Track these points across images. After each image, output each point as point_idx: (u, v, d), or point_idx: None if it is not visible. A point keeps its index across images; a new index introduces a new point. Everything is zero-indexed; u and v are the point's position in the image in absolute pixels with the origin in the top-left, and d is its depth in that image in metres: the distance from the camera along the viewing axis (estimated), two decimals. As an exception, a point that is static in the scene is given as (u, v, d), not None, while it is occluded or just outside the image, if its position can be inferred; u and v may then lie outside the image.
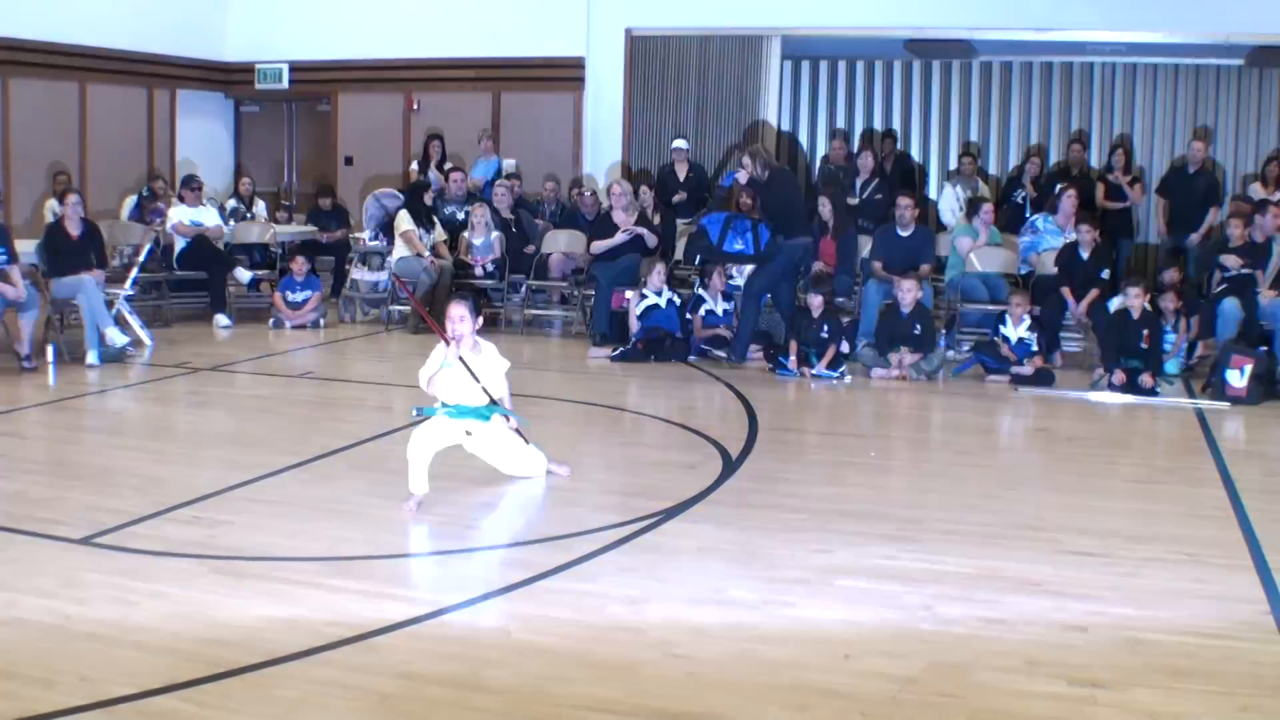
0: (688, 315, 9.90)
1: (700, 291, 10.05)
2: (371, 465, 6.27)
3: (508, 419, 5.73)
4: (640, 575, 4.61)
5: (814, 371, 8.97)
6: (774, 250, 9.51)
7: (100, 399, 8.00)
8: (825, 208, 10.72)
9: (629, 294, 10.34)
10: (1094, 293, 9.55)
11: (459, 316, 5.55)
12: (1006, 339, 9.06)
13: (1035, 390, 8.66)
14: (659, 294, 9.90)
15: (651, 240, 10.91)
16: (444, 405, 5.59)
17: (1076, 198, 10.88)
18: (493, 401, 5.63)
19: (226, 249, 11.82)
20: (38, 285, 9.16)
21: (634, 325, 9.84)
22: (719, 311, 9.90)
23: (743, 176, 9.47)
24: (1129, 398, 8.37)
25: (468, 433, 5.65)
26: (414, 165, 13.23)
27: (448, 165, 12.76)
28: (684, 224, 12.12)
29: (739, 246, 9.59)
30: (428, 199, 11.60)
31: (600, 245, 10.79)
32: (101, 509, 5.30)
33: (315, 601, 4.24)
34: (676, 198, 12.45)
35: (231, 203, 13.26)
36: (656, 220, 11.35)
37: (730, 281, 10.28)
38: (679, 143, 12.76)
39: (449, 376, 5.53)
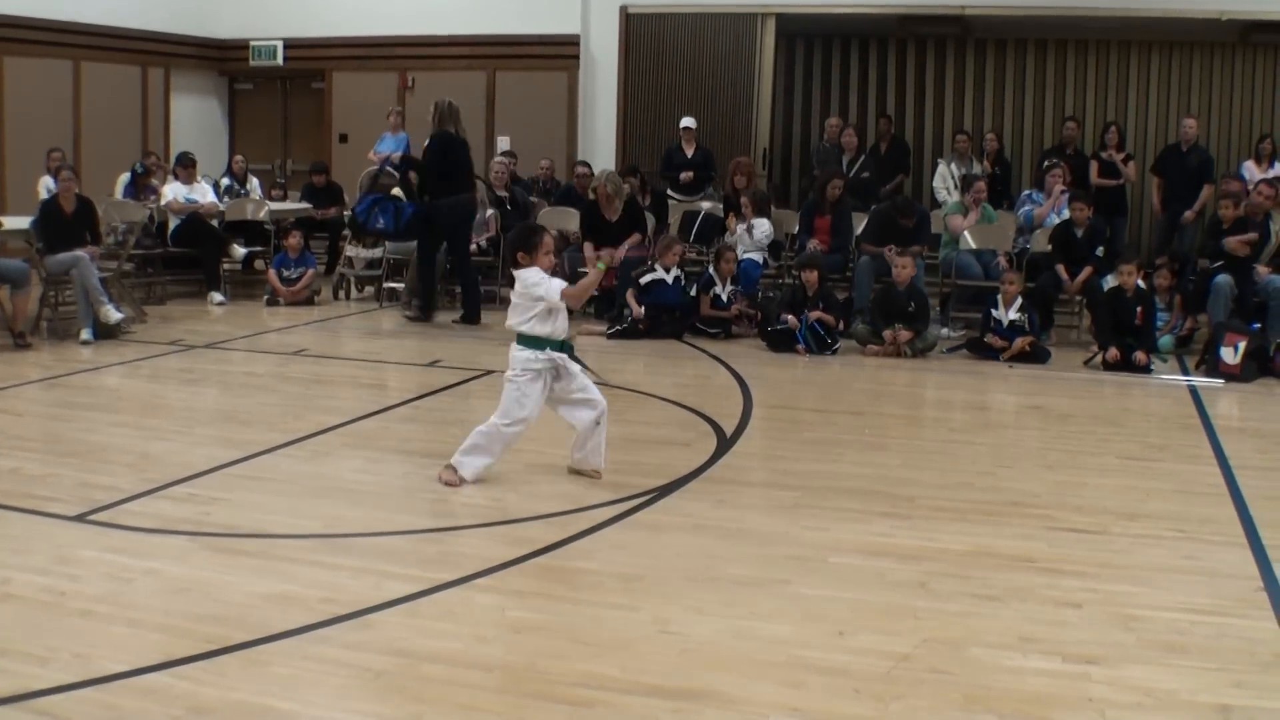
0: (692, 293, 9.88)
1: (711, 272, 10.01)
2: (366, 443, 6.28)
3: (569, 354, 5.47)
4: (635, 553, 4.62)
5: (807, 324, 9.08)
6: (417, 224, 10.20)
7: (94, 376, 7.97)
8: (837, 188, 10.75)
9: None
10: (1087, 270, 9.54)
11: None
12: (998, 322, 9.03)
13: (1029, 368, 8.67)
14: (668, 271, 9.88)
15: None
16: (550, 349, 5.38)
17: (1061, 177, 10.91)
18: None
19: (220, 226, 11.78)
20: (32, 262, 9.12)
21: (634, 303, 9.79)
22: (724, 297, 9.86)
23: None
24: (1123, 375, 8.39)
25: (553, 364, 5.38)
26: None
27: None
28: (684, 200, 12.09)
29: (380, 225, 10.75)
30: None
31: (620, 253, 10.37)
32: (95, 486, 5.30)
33: (309, 578, 4.24)
34: (683, 176, 12.39)
35: (225, 180, 13.21)
36: (646, 202, 11.30)
37: (747, 255, 10.35)
38: (687, 121, 12.61)
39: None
